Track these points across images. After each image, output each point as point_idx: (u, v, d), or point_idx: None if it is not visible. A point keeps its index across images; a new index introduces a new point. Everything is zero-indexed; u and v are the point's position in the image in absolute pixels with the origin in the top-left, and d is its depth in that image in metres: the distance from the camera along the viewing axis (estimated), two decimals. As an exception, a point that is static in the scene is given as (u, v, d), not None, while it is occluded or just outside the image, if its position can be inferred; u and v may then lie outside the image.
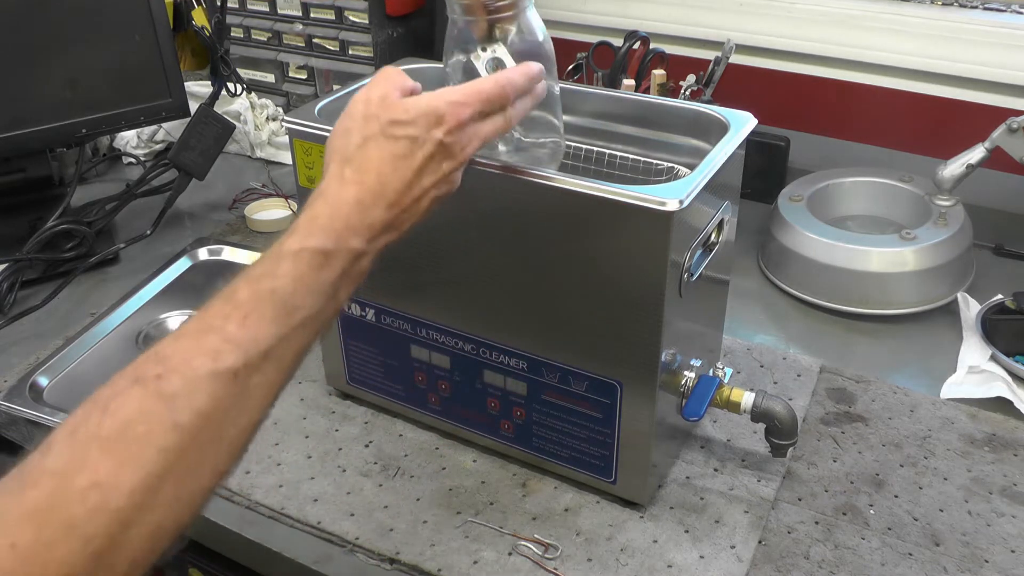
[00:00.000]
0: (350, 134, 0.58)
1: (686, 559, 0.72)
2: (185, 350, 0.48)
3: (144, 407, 0.46)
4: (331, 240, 0.54)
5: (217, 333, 0.49)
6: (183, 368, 0.47)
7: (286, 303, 0.51)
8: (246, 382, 0.49)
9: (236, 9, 1.54)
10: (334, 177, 0.57)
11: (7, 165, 1.14)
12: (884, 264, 1.00)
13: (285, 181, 1.35)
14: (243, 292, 0.51)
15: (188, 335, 0.49)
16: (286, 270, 0.52)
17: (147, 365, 0.48)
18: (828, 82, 1.33)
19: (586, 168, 0.83)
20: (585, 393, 0.73)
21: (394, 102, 0.58)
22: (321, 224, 0.54)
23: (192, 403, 0.46)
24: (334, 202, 0.55)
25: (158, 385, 0.46)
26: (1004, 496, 0.78)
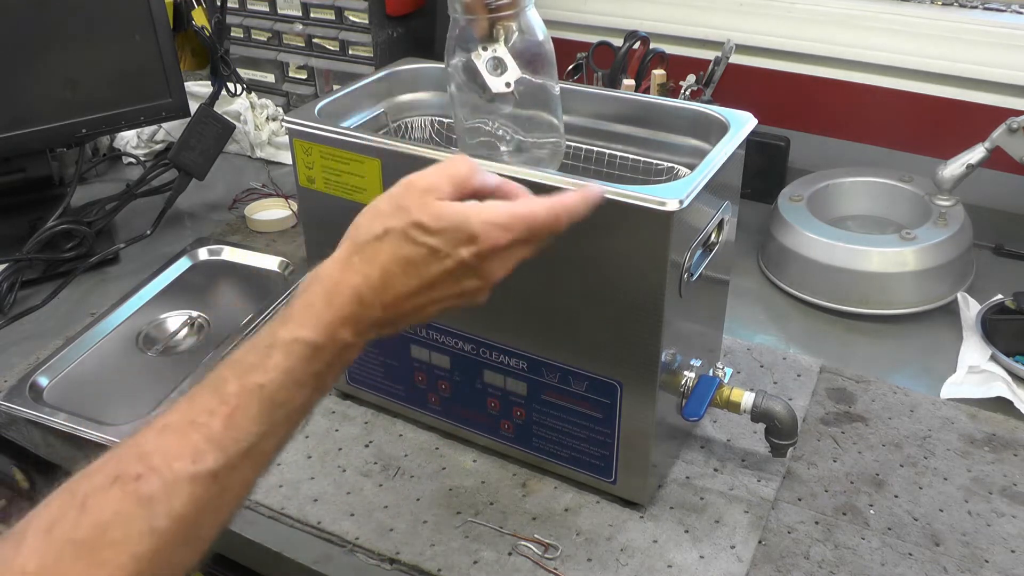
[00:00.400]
0: (377, 218, 0.54)
1: (686, 559, 0.72)
2: (167, 449, 0.47)
3: (121, 510, 0.45)
4: (324, 333, 0.51)
5: (200, 431, 0.47)
6: (163, 469, 0.46)
7: (273, 399, 0.50)
8: (224, 482, 0.48)
9: (236, 9, 1.54)
10: (340, 260, 0.54)
11: (7, 165, 1.14)
12: (884, 264, 1.00)
13: (285, 181, 1.35)
14: (232, 385, 0.49)
15: (172, 429, 0.48)
16: (276, 363, 0.50)
17: (128, 462, 0.46)
18: (828, 82, 1.33)
19: (586, 168, 0.83)
20: (585, 393, 0.73)
21: (431, 203, 0.53)
22: (316, 313, 0.51)
23: (170, 507, 0.46)
24: (333, 289, 0.52)
25: (137, 486, 0.45)
26: (1004, 496, 0.78)
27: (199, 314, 1.03)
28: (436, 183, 0.54)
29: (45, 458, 0.92)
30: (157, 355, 0.97)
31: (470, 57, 0.70)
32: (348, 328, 0.52)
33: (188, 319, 1.02)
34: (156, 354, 0.97)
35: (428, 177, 0.54)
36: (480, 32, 0.69)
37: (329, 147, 0.74)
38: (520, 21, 0.70)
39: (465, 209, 0.53)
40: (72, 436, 0.85)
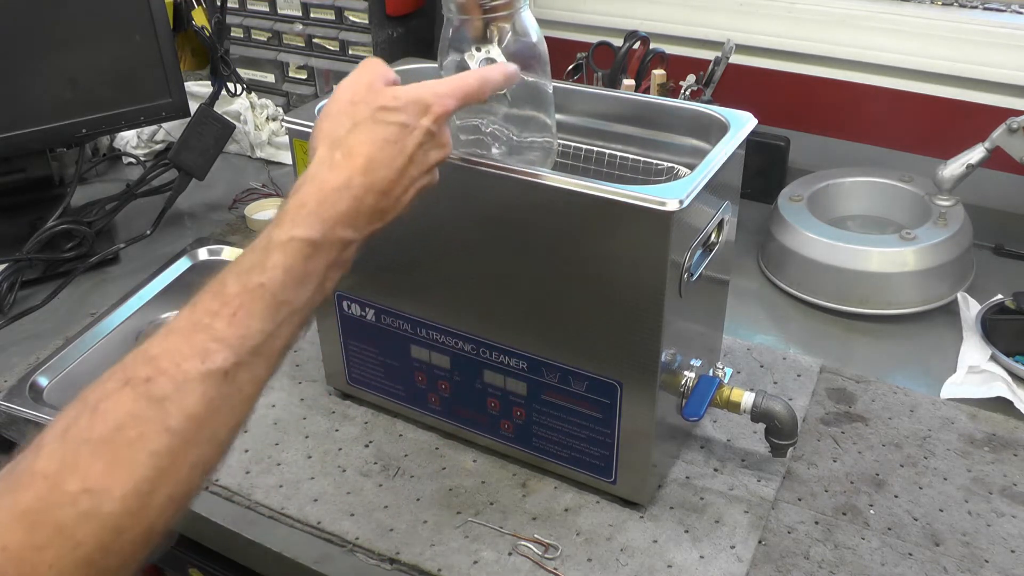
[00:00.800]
0: (339, 117, 0.57)
1: (686, 559, 0.72)
2: (174, 351, 0.47)
3: (135, 410, 0.45)
4: (320, 229, 0.53)
5: (206, 332, 0.48)
6: (173, 370, 0.46)
7: (276, 297, 0.51)
8: (235, 380, 0.48)
9: (236, 9, 1.54)
10: (323, 161, 0.56)
11: (7, 165, 1.14)
12: (884, 264, 1.00)
13: (285, 181, 1.35)
14: (232, 286, 0.50)
15: (177, 333, 0.48)
16: (275, 262, 0.51)
17: (136, 366, 0.47)
18: (828, 82, 1.33)
19: (586, 168, 0.83)
20: (585, 393, 0.73)
21: (382, 89, 0.58)
22: (310, 211, 0.53)
23: (183, 406, 0.46)
24: (322, 187, 0.54)
25: (148, 388, 0.46)
26: (1004, 496, 0.78)
27: (199, 314, 1.03)
28: (371, 78, 0.59)
29: (45, 458, 0.92)
30: (157, 355, 0.97)
31: (463, 57, 0.70)
32: (345, 224, 0.54)
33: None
34: (156, 354, 0.97)
35: (362, 76, 0.59)
36: (474, 33, 0.70)
37: (329, 147, 0.74)
38: (514, 22, 0.70)
39: (413, 86, 0.59)
40: (72, 436, 0.85)
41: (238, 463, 0.83)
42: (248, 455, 0.84)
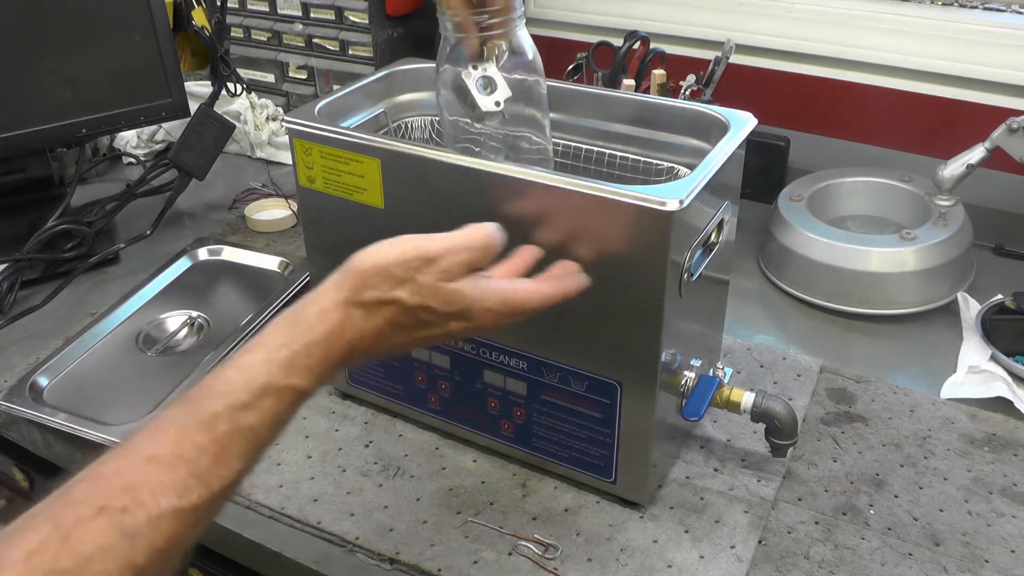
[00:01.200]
0: (386, 282, 0.54)
1: (686, 559, 0.72)
2: (155, 483, 0.47)
3: (105, 544, 0.45)
4: (315, 382, 0.53)
5: (189, 466, 0.48)
6: (150, 504, 0.46)
7: (259, 439, 0.51)
8: (202, 515, 0.49)
9: (236, 9, 1.54)
10: (343, 307, 0.54)
11: (7, 165, 1.14)
12: (884, 264, 1.00)
13: (285, 181, 1.35)
14: (223, 423, 0.50)
15: (160, 463, 0.48)
16: (268, 406, 0.51)
17: (114, 494, 0.47)
18: (828, 82, 1.33)
19: (586, 168, 0.83)
20: (585, 393, 0.73)
21: (444, 287, 0.55)
22: (313, 363, 0.53)
23: (152, 542, 0.46)
24: (331, 340, 0.53)
25: (122, 519, 0.46)
26: (1004, 496, 0.78)
27: (199, 314, 1.03)
28: (454, 266, 0.55)
29: (45, 458, 0.92)
30: (157, 355, 0.97)
31: (460, 75, 0.71)
32: (333, 373, 0.54)
33: (188, 319, 1.02)
34: (156, 354, 0.97)
35: (449, 257, 0.55)
36: (471, 51, 0.70)
37: (329, 147, 0.74)
38: (511, 40, 0.71)
39: (471, 297, 0.56)
40: (72, 436, 0.85)
41: (238, 463, 0.83)
42: (248, 455, 0.84)
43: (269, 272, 1.12)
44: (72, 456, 0.88)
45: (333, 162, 0.75)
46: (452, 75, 0.72)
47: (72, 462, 0.89)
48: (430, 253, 0.55)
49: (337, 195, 0.76)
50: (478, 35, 0.69)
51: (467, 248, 0.56)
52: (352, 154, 0.73)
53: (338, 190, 0.76)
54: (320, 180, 0.77)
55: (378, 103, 0.86)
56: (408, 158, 0.71)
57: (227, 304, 1.06)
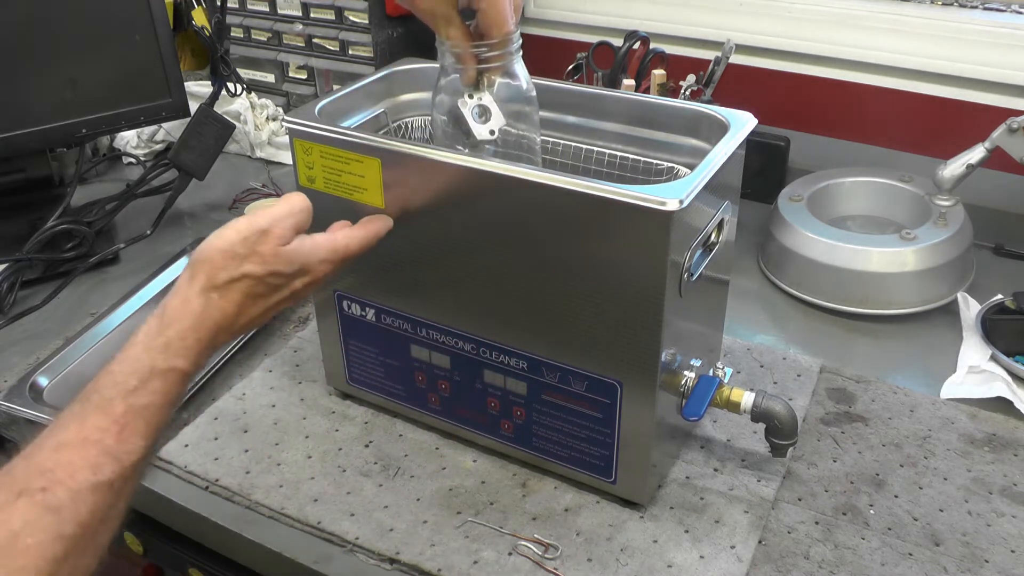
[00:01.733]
0: (232, 261, 0.62)
1: (686, 559, 0.72)
2: (68, 463, 0.52)
3: (31, 519, 0.49)
4: (193, 362, 0.60)
5: (96, 446, 0.53)
6: (68, 481, 0.51)
7: (155, 417, 0.57)
8: (120, 491, 0.54)
9: (236, 9, 1.54)
10: (202, 293, 0.61)
11: (7, 165, 1.14)
12: (884, 264, 1.00)
13: (285, 181, 1.35)
14: (119, 406, 0.55)
15: (69, 447, 0.53)
16: (156, 387, 0.57)
17: (29, 478, 0.51)
18: (828, 82, 1.33)
19: (586, 168, 0.83)
20: (585, 393, 0.73)
21: (282, 250, 0.63)
22: (188, 346, 0.60)
23: (77, 514, 0.50)
24: (199, 323, 0.60)
25: (44, 497, 0.50)
26: (1004, 496, 0.78)
27: (199, 314, 1.03)
28: (285, 232, 0.64)
29: (45, 458, 0.92)
30: (157, 355, 0.97)
31: (457, 104, 0.72)
32: (208, 354, 0.62)
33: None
34: (156, 354, 0.97)
35: (279, 223, 0.64)
36: (468, 81, 0.72)
37: (329, 147, 0.74)
38: (507, 71, 0.73)
39: (306, 253, 0.65)
40: (72, 436, 0.85)
41: (238, 463, 0.83)
42: (248, 455, 0.84)
43: (269, 272, 1.11)
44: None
45: (333, 162, 0.75)
46: (449, 104, 0.74)
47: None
48: (262, 226, 0.63)
49: (337, 195, 0.76)
50: (476, 67, 0.71)
51: (290, 213, 0.65)
52: (352, 154, 0.73)
53: (338, 190, 0.76)
54: (320, 180, 0.77)
55: (378, 103, 0.86)
56: (408, 158, 0.71)
57: (227, 304, 1.06)
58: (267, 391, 0.92)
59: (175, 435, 0.86)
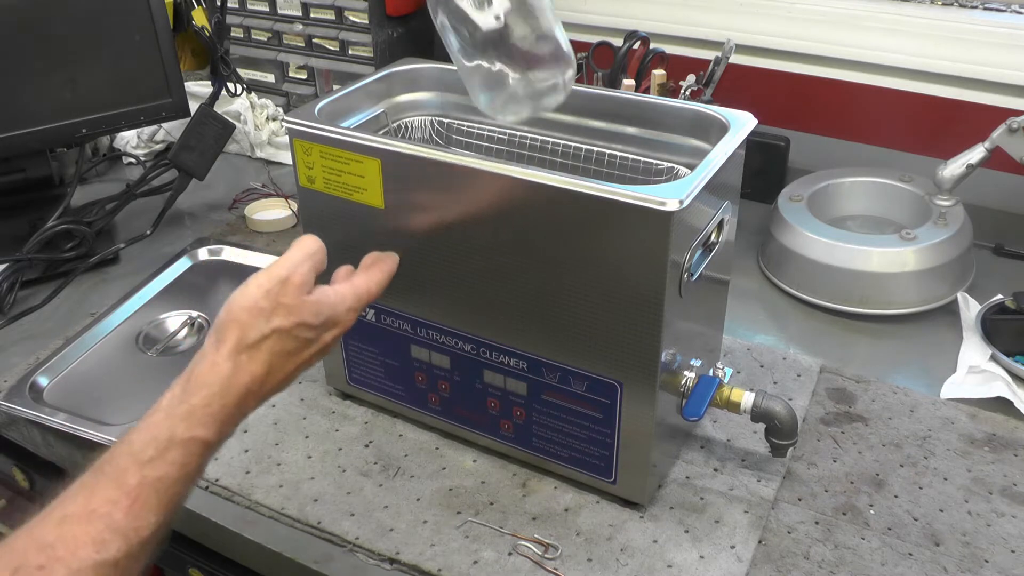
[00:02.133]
0: (259, 318, 0.57)
1: (686, 559, 0.72)
2: (71, 538, 0.48)
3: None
4: (217, 432, 0.55)
5: (103, 520, 0.49)
6: (68, 558, 0.47)
7: (170, 490, 0.52)
8: (126, 570, 0.49)
9: (236, 9, 1.54)
10: (231, 356, 0.56)
11: (7, 165, 1.14)
12: (884, 264, 1.00)
13: (285, 181, 1.35)
14: (132, 477, 0.51)
15: (74, 520, 0.49)
16: (174, 458, 0.53)
17: (29, 553, 0.47)
18: (828, 82, 1.33)
19: (586, 168, 0.83)
20: (585, 393, 0.73)
21: (307, 300, 0.59)
22: (212, 413, 0.55)
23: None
24: (226, 389, 0.56)
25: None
26: (1004, 496, 0.78)
27: (199, 314, 1.03)
28: (306, 278, 0.60)
29: (45, 458, 0.92)
30: (157, 355, 0.97)
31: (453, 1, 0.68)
32: (234, 423, 0.57)
33: (188, 319, 1.02)
34: (156, 354, 0.97)
35: (297, 272, 0.59)
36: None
37: (329, 147, 0.74)
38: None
39: (334, 301, 0.61)
40: (72, 436, 0.85)
41: (238, 463, 0.83)
42: (248, 455, 0.84)
43: (269, 272, 1.11)
44: (72, 456, 0.88)
45: (333, 162, 0.75)
46: (447, 5, 0.69)
47: (72, 462, 0.89)
48: (282, 275, 0.59)
49: (337, 195, 0.76)
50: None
51: (307, 256, 0.60)
52: (352, 154, 0.73)
53: (338, 190, 0.76)
54: (320, 180, 0.77)
55: (378, 103, 0.86)
56: (408, 158, 0.71)
57: (227, 304, 1.06)
58: (267, 391, 0.92)
59: (175, 435, 0.86)
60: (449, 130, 0.89)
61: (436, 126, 0.89)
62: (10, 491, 1.10)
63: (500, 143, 0.87)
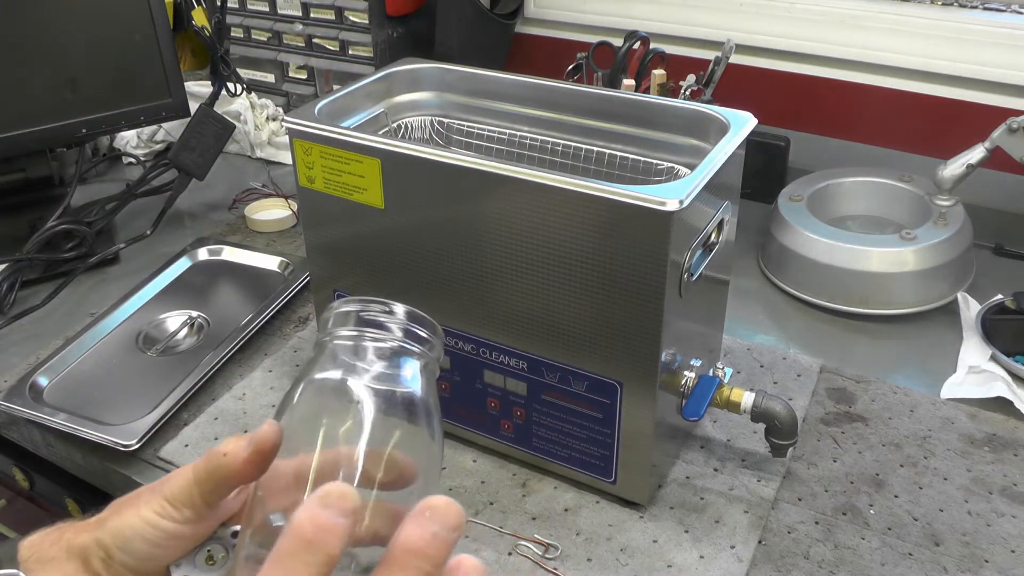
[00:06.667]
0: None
1: (686, 559, 0.72)
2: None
3: None
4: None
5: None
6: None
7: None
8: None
9: (236, 9, 1.54)
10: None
11: (7, 165, 1.14)
12: (884, 264, 1.00)
13: (285, 181, 1.35)
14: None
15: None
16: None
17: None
18: (828, 82, 1.33)
19: (586, 168, 0.83)
20: (585, 393, 0.73)
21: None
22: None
23: None
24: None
25: None
26: (1004, 496, 0.78)
27: (199, 314, 1.03)
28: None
29: (45, 458, 0.92)
30: (157, 355, 0.97)
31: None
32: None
33: (188, 319, 1.02)
34: (156, 354, 0.97)
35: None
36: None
37: (329, 147, 0.74)
38: None
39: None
40: (72, 436, 0.85)
41: (238, 463, 0.83)
42: (248, 455, 0.84)
43: (269, 272, 1.12)
44: (72, 456, 0.88)
45: (333, 162, 0.75)
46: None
47: (72, 462, 0.89)
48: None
49: (337, 195, 0.76)
50: None
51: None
52: (352, 154, 0.73)
53: (338, 190, 0.76)
54: (320, 180, 0.77)
55: (378, 103, 0.86)
56: (408, 158, 0.71)
57: (227, 304, 1.06)
58: (267, 391, 0.92)
59: (175, 435, 0.86)
60: (449, 130, 0.89)
61: (436, 126, 0.89)
62: (10, 491, 1.10)
63: (500, 143, 0.87)
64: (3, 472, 1.04)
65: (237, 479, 0.42)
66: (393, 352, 0.43)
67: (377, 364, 0.42)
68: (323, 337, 0.43)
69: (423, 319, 0.44)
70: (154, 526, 0.43)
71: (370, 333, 0.43)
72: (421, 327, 0.44)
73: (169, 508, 0.43)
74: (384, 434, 0.41)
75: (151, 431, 0.84)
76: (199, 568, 0.44)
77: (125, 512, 0.44)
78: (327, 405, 0.42)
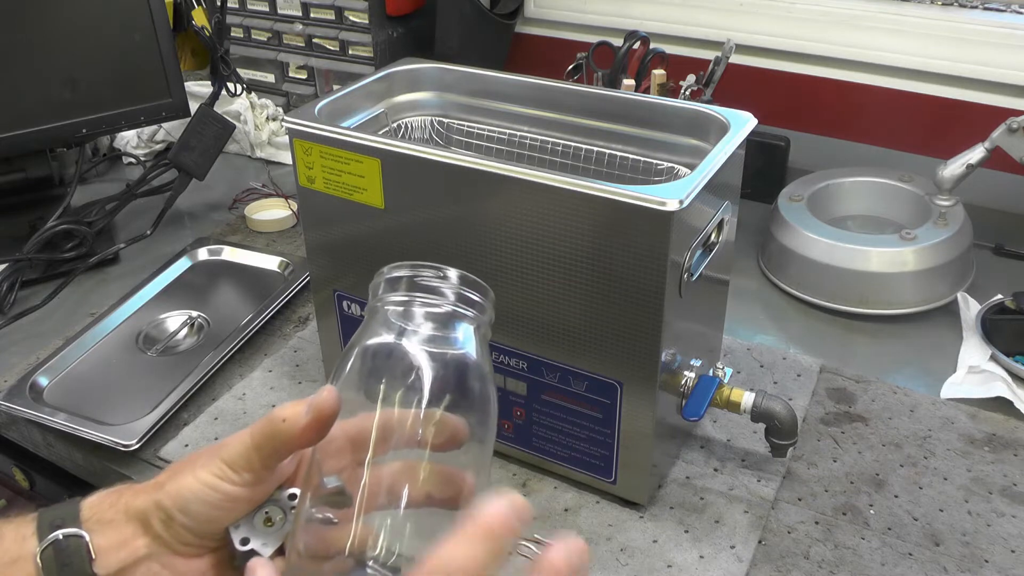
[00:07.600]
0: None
1: (686, 559, 0.72)
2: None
3: None
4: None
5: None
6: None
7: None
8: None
9: (236, 9, 1.54)
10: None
11: (7, 165, 1.14)
12: (884, 264, 1.00)
13: (285, 181, 1.35)
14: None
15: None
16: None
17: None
18: (828, 82, 1.33)
19: (586, 168, 0.83)
20: (585, 393, 0.73)
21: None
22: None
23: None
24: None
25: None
26: (1004, 496, 0.78)
27: (199, 314, 1.03)
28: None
29: (45, 458, 0.92)
30: (157, 355, 0.97)
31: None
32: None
33: (188, 319, 1.02)
34: (156, 354, 0.97)
35: None
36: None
37: (329, 147, 0.74)
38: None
39: None
40: (72, 436, 0.85)
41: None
42: (248, 455, 0.84)
43: (269, 272, 1.12)
44: (72, 456, 0.88)
45: (333, 162, 0.75)
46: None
47: (72, 462, 0.89)
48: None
49: (337, 195, 0.76)
50: None
51: None
52: (352, 154, 0.73)
53: (338, 190, 0.76)
54: (320, 180, 0.77)
55: (378, 103, 0.86)
56: (408, 158, 0.71)
57: (227, 304, 1.06)
58: (267, 391, 0.92)
59: (175, 435, 0.86)
60: (449, 130, 0.89)
61: (436, 126, 0.89)
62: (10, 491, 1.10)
63: (500, 143, 0.87)
64: (3, 472, 1.04)
65: (295, 444, 0.43)
66: (447, 316, 0.43)
67: (431, 328, 0.43)
68: (375, 303, 0.44)
69: (475, 282, 0.44)
70: (213, 488, 0.44)
71: (423, 298, 0.43)
72: (473, 291, 0.44)
73: (228, 471, 0.44)
74: (440, 396, 0.41)
75: (151, 431, 0.84)
76: (257, 530, 0.45)
77: (183, 475, 0.45)
78: (383, 368, 0.43)
